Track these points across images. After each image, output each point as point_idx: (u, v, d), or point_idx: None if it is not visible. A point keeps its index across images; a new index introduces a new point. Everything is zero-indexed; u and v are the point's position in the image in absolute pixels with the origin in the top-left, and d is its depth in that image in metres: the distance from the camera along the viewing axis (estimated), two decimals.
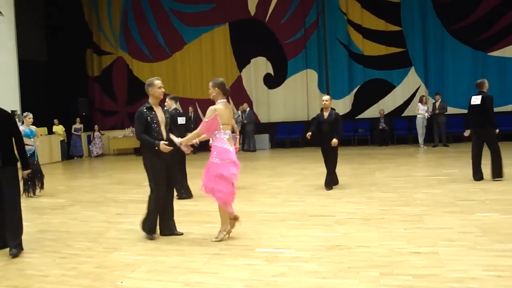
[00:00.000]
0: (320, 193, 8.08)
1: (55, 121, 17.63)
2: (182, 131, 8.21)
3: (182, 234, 5.74)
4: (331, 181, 8.48)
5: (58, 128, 17.62)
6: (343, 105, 16.79)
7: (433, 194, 7.44)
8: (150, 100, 5.65)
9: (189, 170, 8.52)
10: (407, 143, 16.16)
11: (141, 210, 7.44)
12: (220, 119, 5.24)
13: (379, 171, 10.26)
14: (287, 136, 17.68)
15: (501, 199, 6.82)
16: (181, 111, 8.87)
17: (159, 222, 5.79)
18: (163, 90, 5.67)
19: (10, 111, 15.30)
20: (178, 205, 7.71)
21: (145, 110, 5.56)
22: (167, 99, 8.50)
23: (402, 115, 16.76)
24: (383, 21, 16.84)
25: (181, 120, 8.46)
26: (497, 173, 8.33)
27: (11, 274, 4.63)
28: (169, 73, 19.23)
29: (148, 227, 5.68)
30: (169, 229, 5.77)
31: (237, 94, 18.09)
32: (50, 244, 5.68)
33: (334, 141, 8.13)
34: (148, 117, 5.52)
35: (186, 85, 19.06)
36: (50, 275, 4.51)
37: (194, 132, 5.52)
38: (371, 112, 17.03)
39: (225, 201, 5.32)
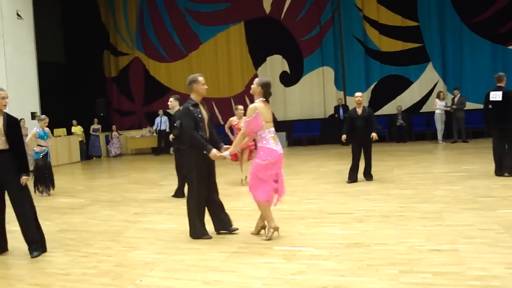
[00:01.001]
0: (337, 191, 8.04)
1: (74, 122, 17.86)
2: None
3: (237, 229, 5.61)
4: (369, 173, 8.93)
5: (77, 129, 17.85)
6: None
7: (452, 190, 7.35)
8: (193, 96, 5.53)
9: None
10: (426, 140, 15.98)
11: (159, 209, 7.53)
12: (262, 117, 5.19)
13: (397, 168, 10.17)
14: (304, 134, 17.63)
15: None
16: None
17: (212, 219, 5.69)
18: (206, 87, 5.62)
19: (30, 113, 15.50)
20: None
21: (191, 106, 5.44)
22: (171, 99, 8.61)
23: (420, 111, 16.58)
24: (399, 17, 16.66)
25: None
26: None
27: (34, 272, 4.72)
28: (185, 73, 19.19)
29: (199, 231, 5.49)
30: (223, 224, 5.66)
31: None
32: (70, 243, 5.76)
33: (374, 135, 8.73)
34: (195, 114, 5.42)
35: None
36: (71, 274, 4.58)
37: (239, 135, 5.47)
38: (389, 109, 16.88)
39: (266, 199, 5.26)
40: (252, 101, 5.41)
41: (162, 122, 18.03)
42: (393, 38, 16.75)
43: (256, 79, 5.41)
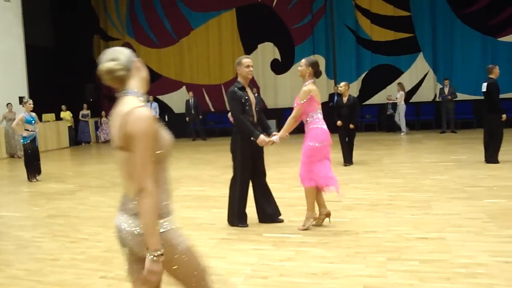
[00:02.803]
0: None
1: (63, 107, 17.68)
2: None
3: (282, 221, 5.41)
4: (350, 159, 9.45)
5: (66, 114, 17.68)
6: (350, 91, 16.60)
7: (440, 180, 7.42)
8: (240, 79, 5.28)
9: None
10: (415, 129, 16.07)
11: None
12: (315, 99, 5.00)
13: (387, 157, 10.24)
14: None
15: (509, 185, 6.79)
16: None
17: (256, 209, 5.48)
18: (252, 70, 5.29)
19: (18, 98, 15.31)
20: (185, 190, 7.78)
21: (237, 90, 5.20)
22: None
23: (410, 101, 16.64)
24: (391, 6, 16.63)
25: None
26: (493, 158, 8.66)
27: (22, 257, 4.70)
28: (176, 59, 19.18)
29: (237, 218, 5.33)
30: (267, 216, 5.44)
31: None
32: (59, 229, 5.74)
33: (351, 126, 9.40)
34: (242, 98, 5.17)
35: (193, 71, 19.01)
36: (60, 259, 4.58)
37: (290, 118, 5.09)
38: (379, 98, 16.90)
39: (324, 185, 5.01)
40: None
41: (152, 108, 17.94)
42: (384, 27, 16.72)
43: (303, 60, 5.12)
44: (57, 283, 3.97)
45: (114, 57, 2.13)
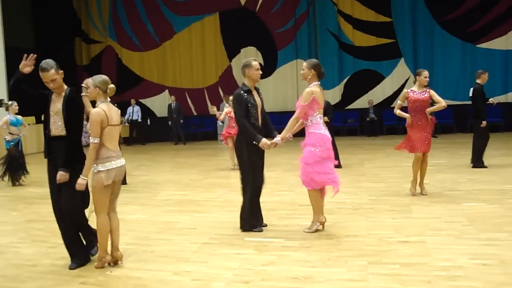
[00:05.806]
0: None
1: None
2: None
3: (266, 225, 5.38)
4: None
5: None
6: (332, 96, 16.78)
7: None
8: (247, 82, 5.24)
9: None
10: (396, 134, 16.22)
11: (130, 199, 7.45)
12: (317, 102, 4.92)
13: (368, 161, 10.32)
14: (277, 127, 17.23)
15: (488, 189, 6.91)
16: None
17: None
18: (261, 72, 5.31)
19: None
20: (167, 195, 7.73)
21: (243, 93, 5.15)
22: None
23: (392, 105, 16.81)
24: (373, 12, 16.82)
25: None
26: (478, 163, 8.80)
27: (0, 263, 4.62)
28: (159, 63, 19.07)
29: (249, 223, 5.21)
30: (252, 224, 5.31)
31: (227, 84, 18.01)
32: (39, 234, 5.65)
33: (325, 118, 9.02)
34: (248, 102, 5.12)
35: (176, 74, 18.93)
36: (38, 265, 4.50)
37: (292, 119, 5.05)
38: (361, 103, 17.07)
39: (319, 188, 5.02)
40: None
41: (134, 112, 17.80)
42: (366, 33, 16.90)
43: (305, 63, 5.06)
44: None
45: None
